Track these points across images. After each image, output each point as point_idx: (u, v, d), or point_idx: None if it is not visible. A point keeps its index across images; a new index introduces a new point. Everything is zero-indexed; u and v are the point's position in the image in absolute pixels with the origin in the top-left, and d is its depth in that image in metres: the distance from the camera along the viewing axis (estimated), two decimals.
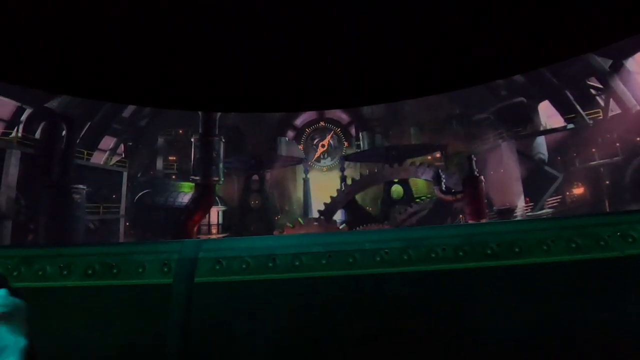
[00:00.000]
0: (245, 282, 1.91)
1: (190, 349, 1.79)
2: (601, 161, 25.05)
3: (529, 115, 28.74)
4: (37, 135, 20.93)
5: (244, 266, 1.94)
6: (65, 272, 1.87)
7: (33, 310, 1.83)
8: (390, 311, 1.75)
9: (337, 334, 1.79)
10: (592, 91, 26.92)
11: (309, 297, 1.88)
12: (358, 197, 26.91)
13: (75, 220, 19.77)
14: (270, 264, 1.93)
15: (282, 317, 1.84)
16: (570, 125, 26.77)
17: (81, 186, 20.80)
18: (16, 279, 1.85)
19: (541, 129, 28.54)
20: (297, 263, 1.92)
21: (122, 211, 25.80)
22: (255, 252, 2.01)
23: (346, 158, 32.93)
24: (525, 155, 27.11)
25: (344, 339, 1.77)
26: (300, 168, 35.02)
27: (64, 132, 20.97)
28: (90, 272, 1.87)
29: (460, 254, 1.77)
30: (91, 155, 25.83)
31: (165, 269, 1.93)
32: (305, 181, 33.21)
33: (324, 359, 1.73)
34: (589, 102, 26.76)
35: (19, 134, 20.55)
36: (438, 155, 32.30)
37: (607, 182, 24.64)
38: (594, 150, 25.56)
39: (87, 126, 26.37)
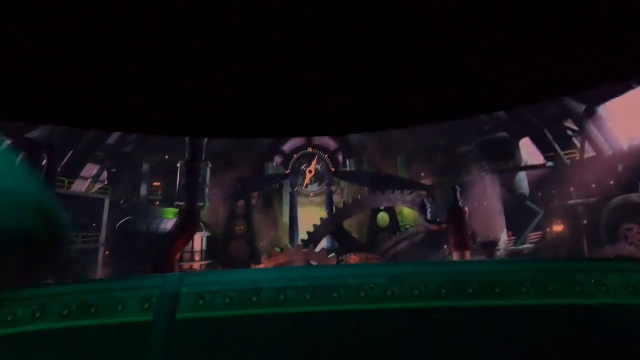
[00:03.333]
0: (229, 318, 1.87)
1: None
2: (578, 200, 25.91)
3: (511, 151, 29.83)
4: None
5: (227, 300, 1.91)
6: (38, 315, 1.78)
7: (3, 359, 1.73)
8: (373, 348, 1.74)
9: None
10: (569, 132, 28.19)
11: (293, 333, 1.85)
12: (345, 223, 26.90)
13: None
14: (255, 298, 1.90)
15: (265, 354, 1.80)
16: (550, 163, 27.82)
17: None
18: None
19: (522, 164, 29.52)
20: (281, 297, 1.90)
21: (102, 239, 25.05)
22: (239, 285, 1.98)
23: (334, 174, 33.21)
24: (507, 189, 27.87)
25: None
26: (286, 193, 34.94)
27: (44, 162, 20.53)
28: (66, 312, 1.79)
29: (443, 291, 1.78)
30: (72, 183, 25.26)
31: (146, 305, 1.87)
32: (292, 206, 33.04)
33: None
34: (566, 142, 27.96)
35: None
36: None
37: (585, 221, 25.37)
38: (572, 189, 26.47)
39: (69, 154, 25.93)
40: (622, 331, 1.67)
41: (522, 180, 28.60)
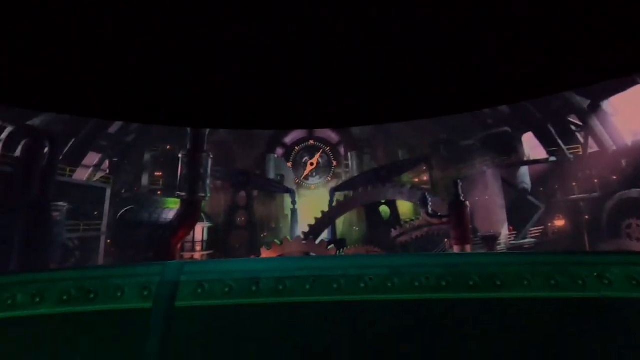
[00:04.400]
0: (228, 306, 1.87)
1: None
2: (580, 195, 25.85)
3: (514, 145, 29.71)
4: (18, 153, 20.40)
5: (226, 290, 1.90)
6: (37, 299, 1.78)
7: (2, 343, 1.73)
8: (372, 339, 1.73)
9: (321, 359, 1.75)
10: (573, 127, 28.05)
11: (292, 323, 1.85)
12: (345, 216, 26.96)
13: (52, 238, 19.13)
14: (254, 288, 1.89)
15: (264, 342, 1.80)
16: (552, 158, 27.70)
17: (61, 203, 20.27)
18: None
19: (525, 159, 29.40)
20: (280, 287, 1.89)
21: (104, 228, 25.18)
22: (239, 275, 1.97)
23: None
24: (509, 183, 27.82)
25: None
26: (287, 181, 34.96)
27: (46, 149, 20.51)
28: (65, 297, 1.79)
29: (443, 283, 1.77)
30: (74, 171, 25.31)
31: (145, 293, 1.87)
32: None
33: None
34: (569, 137, 27.84)
35: None
36: (425, 178, 32.76)
37: (587, 217, 25.35)
38: (574, 184, 26.39)
39: (71, 142, 25.94)
40: (624, 324, 1.66)
41: (524, 175, 28.53)
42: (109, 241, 26.03)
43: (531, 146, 30.24)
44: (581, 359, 1.58)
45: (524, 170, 28.70)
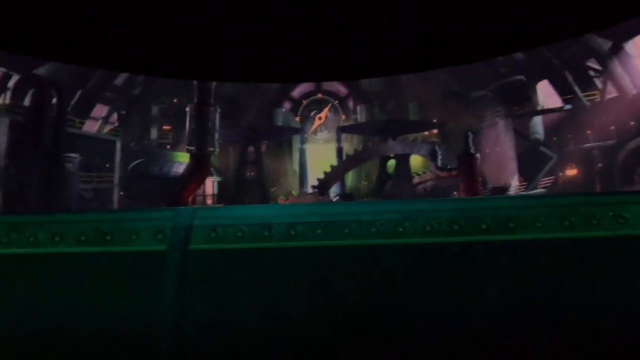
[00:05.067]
0: (241, 250, 1.90)
1: (185, 314, 1.80)
2: (595, 144, 25.18)
3: (528, 94, 28.62)
4: (26, 102, 20.40)
5: (239, 234, 1.92)
6: (57, 239, 1.83)
7: (24, 277, 1.82)
8: (384, 282, 1.76)
9: (331, 303, 1.80)
10: (591, 73, 26.76)
11: (304, 266, 1.88)
12: (353, 172, 26.97)
13: (68, 189, 19.61)
14: (266, 233, 1.91)
15: (276, 285, 1.84)
16: (568, 106, 26.72)
17: (73, 155, 20.53)
18: (6, 246, 1.81)
19: (539, 108, 28.46)
20: (292, 232, 1.90)
21: (116, 180, 25.68)
22: (251, 220, 1.99)
23: (343, 130, 32.71)
24: (521, 134, 27.17)
25: (337, 308, 1.78)
26: (296, 139, 34.75)
27: (54, 100, 20.42)
28: (82, 238, 1.83)
29: (456, 227, 1.75)
30: (83, 123, 25.38)
31: (160, 236, 1.90)
32: (301, 152, 32.91)
33: (318, 327, 1.75)
34: (587, 83, 26.66)
35: (7, 101, 19.96)
36: (435, 131, 32.20)
37: (600, 165, 24.84)
38: (589, 132, 25.63)
39: (78, 94, 25.76)
40: None
41: (537, 124, 27.78)
42: (121, 193, 26.67)
43: (545, 95, 29.14)
44: (596, 298, 1.60)
45: (537, 120, 27.92)
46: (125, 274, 1.87)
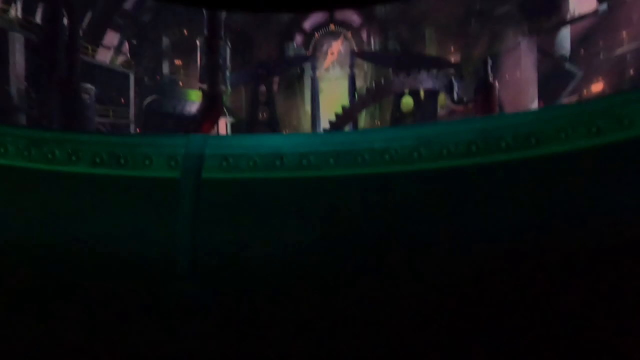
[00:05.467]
0: (253, 179, 1.89)
1: (200, 239, 1.85)
2: (630, 46, 22.69)
3: (557, 2, 25.63)
4: (37, 20, 19.70)
5: (251, 164, 1.91)
6: (73, 158, 1.85)
7: (43, 193, 1.87)
8: (399, 210, 1.74)
9: (344, 232, 1.81)
10: None
11: (316, 196, 1.88)
12: (366, 111, 26.19)
13: (86, 121, 19.64)
14: (278, 162, 1.89)
15: (289, 214, 1.86)
16: (603, 7, 23.80)
17: (89, 85, 20.30)
18: (27, 160, 1.83)
19: (569, 18, 25.64)
20: (304, 162, 1.88)
21: (132, 116, 25.76)
22: (263, 150, 1.96)
23: (357, 54, 31.04)
24: (545, 53, 24.97)
25: (350, 237, 1.79)
26: (308, 75, 33.55)
27: (65, 20, 19.63)
28: (98, 160, 1.85)
29: (473, 149, 1.67)
30: (96, 51, 24.82)
31: (172, 163, 1.91)
32: (314, 85, 31.63)
33: (330, 256, 1.78)
34: None
35: (19, 15, 19.26)
36: (453, 60, 30.33)
37: (632, 72, 22.74)
38: (624, 34, 23.01)
39: (88, 16, 24.89)
40: None
41: (564, 39, 25.05)
42: (138, 129, 26.90)
43: (578, 0, 26.28)
44: (628, 203, 1.53)
45: (565, 33, 25.39)
46: (138, 199, 1.90)
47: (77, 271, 1.87)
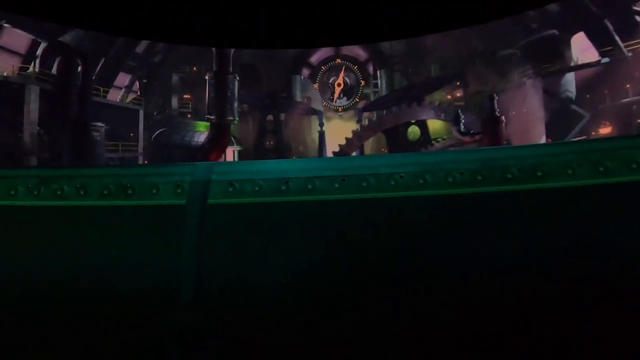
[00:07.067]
0: (259, 204, 1.90)
1: (205, 266, 1.83)
2: (634, 98, 23.43)
3: (560, 50, 26.57)
4: (54, 71, 20.83)
5: (256, 189, 1.92)
6: (82, 192, 1.88)
7: (52, 229, 1.90)
8: (403, 236, 1.72)
9: (349, 257, 1.79)
10: (637, 18, 24.43)
11: (322, 220, 1.86)
12: (374, 138, 26.48)
13: (96, 158, 20.26)
14: (283, 187, 1.90)
15: (295, 239, 1.84)
16: (605, 59, 24.76)
17: (100, 124, 21.05)
18: (36, 198, 1.88)
19: (572, 64, 26.53)
20: (310, 186, 1.88)
21: (140, 149, 26.35)
22: (268, 175, 1.98)
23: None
24: (551, 94, 25.60)
25: (355, 262, 1.77)
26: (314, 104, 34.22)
27: (79, 68, 20.75)
28: (105, 192, 1.88)
29: (479, 178, 1.67)
30: (107, 92, 25.83)
31: (179, 191, 1.92)
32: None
33: (335, 282, 1.75)
34: (630, 31, 24.50)
35: (36, 69, 20.42)
36: (458, 94, 30.90)
37: (638, 121, 23.23)
38: (628, 86, 23.84)
39: (101, 62, 26.08)
40: None
41: (569, 82, 25.92)
42: (146, 162, 27.42)
43: (580, 49, 27.04)
44: (634, 244, 1.52)
45: (569, 77, 26.13)
46: (146, 227, 1.91)
47: (84, 302, 1.86)
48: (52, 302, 1.84)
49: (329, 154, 27.70)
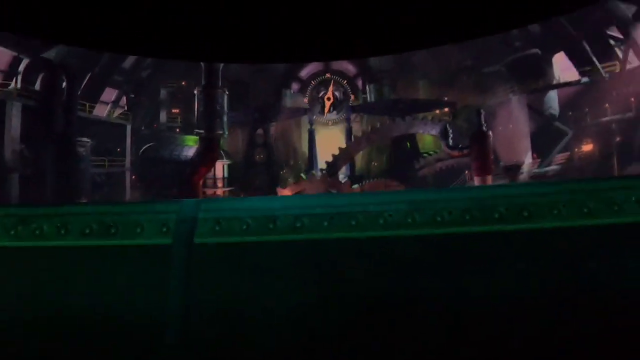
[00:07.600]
0: (246, 243, 1.87)
1: (191, 308, 1.79)
2: (613, 117, 24.32)
3: (543, 68, 27.60)
4: (37, 86, 20.54)
5: (244, 227, 1.89)
6: (62, 232, 1.82)
7: (30, 270, 1.83)
8: (392, 275, 1.71)
9: (338, 297, 1.77)
10: (612, 42, 25.62)
11: (310, 259, 1.85)
12: (364, 151, 26.74)
13: (81, 173, 19.93)
14: (271, 225, 1.87)
15: (282, 278, 1.82)
16: (585, 79, 25.75)
17: (85, 139, 20.76)
18: (14, 238, 1.81)
19: (554, 82, 27.51)
20: (298, 224, 1.86)
21: (128, 164, 26.00)
22: (256, 212, 1.95)
23: (353, 109, 32.31)
24: (535, 110, 26.39)
25: (344, 302, 1.75)
26: (305, 120, 34.50)
27: (64, 84, 20.52)
28: (87, 231, 1.82)
29: (467, 217, 1.69)
30: (93, 107, 25.56)
31: (164, 229, 1.88)
32: (311, 133, 32.66)
33: (324, 321, 1.72)
34: (607, 54, 25.60)
35: (18, 86, 20.12)
36: (446, 109, 31.59)
37: (618, 139, 24.09)
38: (607, 105, 24.76)
39: (87, 77, 25.84)
40: None
41: (552, 99, 26.85)
42: (134, 177, 27.04)
43: (561, 68, 28.06)
44: (618, 289, 1.53)
45: (552, 95, 27.03)
46: (130, 268, 1.86)
47: (66, 346, 1.79)
48: (32, 347, 1.77)
49: (320, 161, 27.77)
